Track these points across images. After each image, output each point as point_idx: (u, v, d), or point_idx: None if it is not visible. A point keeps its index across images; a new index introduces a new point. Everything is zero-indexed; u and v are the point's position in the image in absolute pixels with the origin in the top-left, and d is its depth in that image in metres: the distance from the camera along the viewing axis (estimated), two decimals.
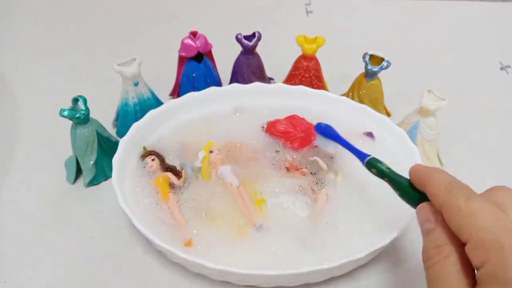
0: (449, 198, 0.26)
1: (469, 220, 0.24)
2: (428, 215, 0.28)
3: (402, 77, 0.58)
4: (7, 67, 0.63)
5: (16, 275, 0.39)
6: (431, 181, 0.28)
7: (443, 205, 0.26)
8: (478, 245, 0.24)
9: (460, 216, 0.25)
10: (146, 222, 0.38)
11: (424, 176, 0.29)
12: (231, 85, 0.51)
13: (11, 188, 0.46)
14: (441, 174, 0.29)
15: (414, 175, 0.30)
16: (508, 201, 0.26)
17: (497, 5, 0.80)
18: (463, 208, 0.25)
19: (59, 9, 0.76)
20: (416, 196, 0.30)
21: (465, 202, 0.25)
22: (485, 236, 0.23)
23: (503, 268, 0.22)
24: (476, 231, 0.24)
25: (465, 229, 0.24)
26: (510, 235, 0.23)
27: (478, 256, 0.23)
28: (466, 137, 0.53)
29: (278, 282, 0.35)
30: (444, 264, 0.25)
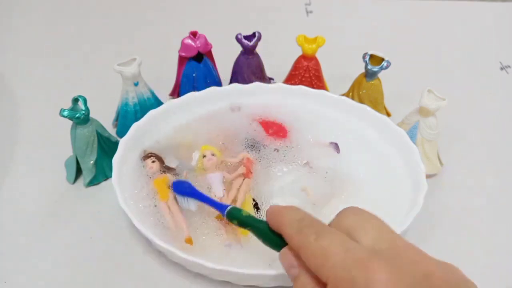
0: (301, 238, 0.26)
1: (322, 260, 0.24)
2: (291, 260, 0.27)
3: (402, 77, 0.58)
4: (7, 67, 0.63)
5: (16, 275, 0.39)
6: (283, 221, 0.28)
7: (298, 247, 0.26)
8: (336, 285, 0.23)
9: (313, 257, 0.25)
10: (146, 222, 0.38)
11: (278, 216, 0.28)
12: (231, 85, 0.51)
13: (11, 188, 0.46)
14: (292, 213, 0.28)
15: (269, 217, 0.29)
16: (357, 225, 0.26)
17: (497, 5, 0.80)
18: (314, 247, 0.25)
19: (59, 9, 0.76)
20: (278, 242, 0.29)
21: (315, 240, 0.25)
22: (338, 274, 0.23)
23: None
24: (331, 271, 0.24)
25: (321, 270, 0.24)
26: (361, 269, 0.23)
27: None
28: (466, 137, 0.53)
29: (278, 282, 0.35)
30: None
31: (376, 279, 0.22)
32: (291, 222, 0.27)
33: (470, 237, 0.42)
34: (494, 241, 0.42)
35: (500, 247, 0.42)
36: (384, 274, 0.22)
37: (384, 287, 0.22)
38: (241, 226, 0.33)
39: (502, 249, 0.42)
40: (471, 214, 0.45)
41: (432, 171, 0.47)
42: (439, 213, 0.44)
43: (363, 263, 0.23)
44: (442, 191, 0.46)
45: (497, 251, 0.42)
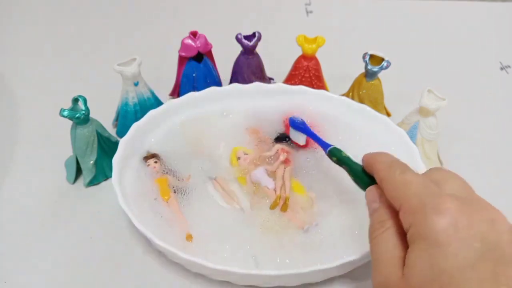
0: (387, 172, 0.29)
1: (402, 189, 0.27)
2: (375, 196, 0.30)
3: (402, 77, 0.58)
4: (7, 67, 0.63)
5: (16, 275, 0.39)
6: (376, 161, 0.31)
7: (383, 179, 0.29)
8: (407, 210, 0.26)
9: (394, 186, 0.28)
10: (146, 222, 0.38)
11: (372, 158, 0.32)
12: (231, 85, 0.51)
13: (11, 188, 0.46)
14: (385, 155, 0.32)
15: (365, 158, 0.33)
16: (443, 177, 0.28)
17: (497, 5, 0.80)
18: (397, 179, 0.28)
19: (59, 9, 0.76)
20: (367, 181, 0.32)
21: (399, 174, 0.28)
22: (413, 201, 0.26)
23: (425, 226, 0.24)
24: (406, 198, 0.26)
25: (398, 197, 0.27)
26: (434, 198, 0.25)
27: (407, 219, 0.26)
28: (466, 137, 0.53)
29: (278, 282, 0.35)
30: (385, 235, 0.27)
31: (445, 207, 0.24)
32: (383, 162, 0.30)
33: None
34: None
35: None
36: (454, 205, 0.24)
37: (450, 215, 0.24)
38: (339, 163, 0.37)
39: None
40: None
41: None
42: None
43: (438, 195, 0.25)
44: None
45: None
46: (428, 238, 0.24)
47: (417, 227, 0.25)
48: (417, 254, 0.24)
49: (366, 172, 0.33)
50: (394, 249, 0.26)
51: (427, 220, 0.24)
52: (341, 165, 0.37)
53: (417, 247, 0.25)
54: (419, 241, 0.24)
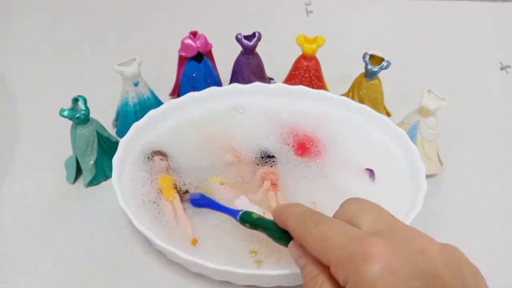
0: (302, 228, 0.27)
1: (322, 243, 0.26)
2: (298, 251, 0.28)
3: (402, 77, 0.58)
4: (7, 67, 0.63)
5: (16, 275, 0.39)
6: (286, 217, 0.29)
7: (300, 238, 0.28)
8: (337, 264, 0.24)
9: (314, 243, 0.26)
10: (146, 222, 0.38)
11: (282, 213, 0.30)
12: (231, 85, 0.51)
13: (11, 188, 0.46)
14: (294, 208, 0.30)
15: (275, 215, 0.31)
16: (358, 212, 0.27)
17: (497, 5, 0.80)
18: (314, 234, 0.26)
19: (59, 9, 0.76)
20: (287, 238, 0.30)
21: (314, 227, 0.26)
22: (339, 254, 0.24)
23: (360, 277, 0.23)
24: (330, 252, 0.25)
25: (322, 253, 0.25)
26: (359, 245, 0.24)
27: (341, 273, 0.24)
28: (466, 137, 0.53)
29: (278, 282, 0.35)
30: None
31: (373, 252, 0.23)
32: (294, 216, 0.29)
33: (470, 237, 0.42)
34: (494, 241, 0.42)
35: (500, 247, 0.42)
36: (380, 247, 0.23)
37: (381, 258, 0.23)
38: (253, 228, 0.34)
39: (502, 249, 0.42)
40: (471, 214, 0.45)
41: (432, 171, 0.47)
42: (439, 213, 0.44)
43: (360, 240, 0.24)
44: (442, 191, 0.46)
45: (497, 251, 0.42)
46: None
47: (353, 281, 0.23)
48: None
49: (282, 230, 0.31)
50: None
51: (359, 270, 0.23)
52: (256, 229, 0.34)
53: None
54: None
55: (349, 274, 0.23)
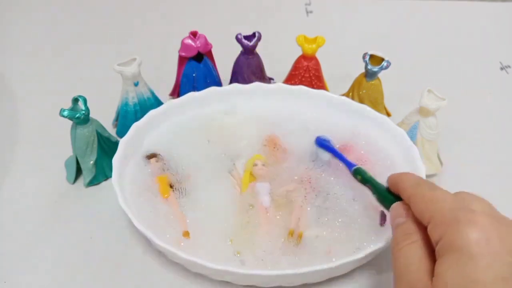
0: (416, 189, 0.30)
1: (431, 204, 0.28)
2: (400, 211, 0.31)
3: (402, 77, 0.58)
4: (7, 67, 0.63)
5: (16, 275, 0.39)
6: (402, 180, 0.32)
7: (410, 196, 0.30)
8: (439, 223, 0.26)
9: (424, 201, 0.28)
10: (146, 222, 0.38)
11: (399, 177, 0.33)
12: (231, 85, 0.51)
13: (11, 188, 0.46)
14: (412, 175, 0.33)
15: (391, 177, 0.34)
16: (470, 198, 0.28)
17: (497, 5, 0.80)
18: (426, 195, 0.29)
19: (59, 9, 0.76)
20: (392, 199, 0.33)
21: (428, 191, 0.29)
22: (445, 214, 0.26)
23: (457, 237, 0.25)
24: (437, 212, 0.27)
25: (427, 212, 0.27)
26: (466, 212, 0.26)
27: (438, 231, 0.26)
28: (466, 137, 0.53)
29: (278, 282, 0.35)
30: (411, 248, 0.28)
31: (477, 220, 0.25)
32: (409, 180, 0.31)
33: None
34: None
35: None
36: (486, 220, 0.25)
37: (483, 227, 0.24)
38: (363, 182, 0.38)
39: None
40: None
41: (432, 171, 0.47)
42: None
43: (470, 210, 0.26)
44: None
45: None
46: (460, 250, 0.24)
47: (448, 238, 0.25)
48: (448, 265, 0.24)
49: (390, 191, 0.34)
50: (421, 261, 0.26)
51: (460, 232, 0.24)
52: (365, 184, 0.38)
53: (448, 258, 0.25)
54: (451, 252, 0.25)
55: (447, 232, 0.25)
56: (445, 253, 0.25)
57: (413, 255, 0.27)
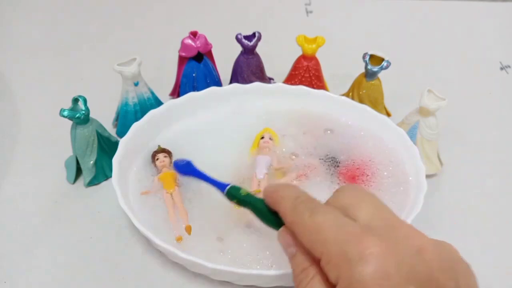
0: (295, 215, 0.26)
1: (316, 235, 0.24)
2: (288, 239, 0.27)
3: (402, 77, 0.58)
4: (7, 67, 0.63)
5: (16, 275, 0.39)
6: (279, 199, 0.28)
7: (291, 223, 0.26)
8: (329, 261, 0.23)
9: (307, 233, 0.25)
10: (146, 222, 0.38)
11: (274, 194, 0.28)
12: (231, 85, 0.51)
13: (11, 188, 0.46)
14: (289, 190, 0.28)
15: (266, 195, 0.29)
16: (355, 202, 0.26)
17: (497, 5, 0.80)
18: (307, 224, 0.25)
19: (59, 9, 0.76)
20: (276, 221, 0.29)
21: (309, 217, 0.25)
22: (331, 249, 0.23)
23: (353, 279, 0.22)
24: (323, 246, 0.24)
25: (315, 245, 0.24)
26: (354, 243, 0.23)
27: (333, 272, 0.23)
28: (466, 137, 0.53)
29: (278, 282, 0.35)
30: (312, 286, 0.25)
31: (368, 252, 0.22)
32: (287, 199, 0.27)
33: (470, 237, 0.42)
34: (494, 241, 0.42)
35: (500, 247, 0.42)
36: (377, 247, 0.22)
37: (376, 260, 0.22)
38: (241, 205, 0.33)
39: (502, 249, 0.42)
40: (471, 214, 0.45)
41: (432, 171, 0.47)
42: (439, 213, 0.44)
43: (356, 238, 0.23)
44: (442, 191, 0.46)
45: (497, 251, 0.42)
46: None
47: (345, 282, 0.22)
48: None
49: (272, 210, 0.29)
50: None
51: (353, 272, 0.22)
52: (243, 206, 0.32)
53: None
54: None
55: (342, 273, 0.23)
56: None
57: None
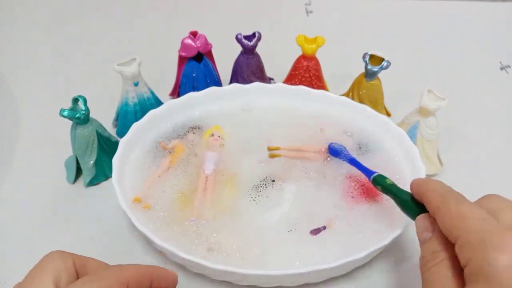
0: (442, 202, 0.28)
1: (458, 221, 0.26)
2: (426, 225, 0.29)
3: (402, 77, 0.58)
4: (7, 67, 0.63)
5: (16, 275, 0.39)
6: (427, 189, 0.30)
7: (436, 209, 0.28)
8: (465, 244, 0.25)
9: (450, 218, 0.27)
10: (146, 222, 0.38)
11: (423, 186, 0.31)
12: (231, 85, 0.51)
13: (11, 188, 0.46)
14: (438, 183, 0.30)
15: (415, 185, 0.32)
16: (499, 206, 0.27)
17: (497, 5, 0.80)
18: (453, 211, 0.27)
19: (59, 9, 0.76)
20: (416, 209, 0.32)
21: (455, 205, 0.27)
22: (471, 236, 0.25)
23: (485, 263, 0.23)
24: (464, 231, 0.25)
25: (454, 230, 0.26)
26: (494, 233, 0.24)
27: (465, 255, 0.25)
28: (466, 137, 0.53)
29: (278, 282, 0.35)
30: (439, 268, 0.26)
31: (506, 244, 0.23)
32: (435, 190, 0.29)
33: None
34: None
35: None
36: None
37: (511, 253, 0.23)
38: (384, 191, 0.36)
39: None
40: None
41: (432, 171, 0.47)
42: None
43: (498, 231, 0.24)
44: None
45: None
46: (489, 279, 0.23)
47: (476, 264, 0.24)
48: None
49: (414, 199, 0.32)
50: (449, 284, 0.25)
51: (487, 257, 0.23)
52: (386, 193, 0.36)
53: (477, 286, 0.23)
54: (479, 280, 0.23)
55: (475, 257, 0.24)
56: (473, 280, 0.24)
57: (442, 276, 0.26)
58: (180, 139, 0.46)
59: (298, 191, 0.41)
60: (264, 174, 0.43)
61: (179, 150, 0.45)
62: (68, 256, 0.28)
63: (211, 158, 0.44)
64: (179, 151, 0.45)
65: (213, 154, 0.45)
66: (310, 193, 0.41)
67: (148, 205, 0.40)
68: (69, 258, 0.28)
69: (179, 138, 0.46)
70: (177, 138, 0.46)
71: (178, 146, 0.46)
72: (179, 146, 0.46)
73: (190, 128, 0.47)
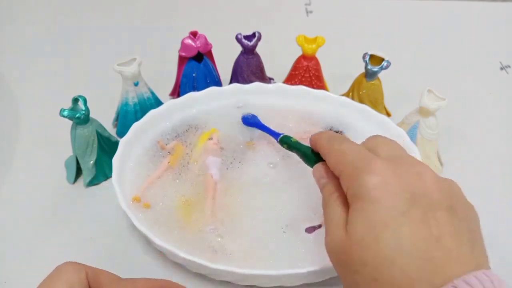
0: (328, 146, 0.32)
1: (340, 157, 0.30)
2: (321, 172, 0.32)
3: (402, 77, 0.58)
4: (7, 67, 0.63)
5: (16, 275, 0.39)
6: (319, 137, 0.34)
7: (325, 152, 0.32)
8: (345, 176, 0.28)
9: (334, 156, 0.30)
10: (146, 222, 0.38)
11: (316, 136, 0.34)
12: (231, 85, 0.51)
13: (11, 188, 0.46)
14: (327, 132, 0.34)
15: (311, 140, 0.35)
16: (377, 143, 0.30)
17: (497, 5, 0.80)
18: (335, 149, 0.31)
19: (59, 9, 0.76)
20: (316, 160, 0.35)
21: (338, 144, 0.31)
22: (348, 167, 0.28)
23: (358, 186, 0.26)
24: (343, 165, 0.29)
25: (337, 165, 0.30)
26: (365, 161, 0.28)
27: (345, 183, 0.28)
28: (466, 137, 0.53)
29: (278, 282, 0.35)
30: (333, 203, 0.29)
31: (374, 167, 0.27)
32: (325, 136, 0.33)
33: None
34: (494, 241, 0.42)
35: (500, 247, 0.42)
36: (383, 165, 0.27)
37: (380, 173, 0.26)
38: (289, 149, 0.40)
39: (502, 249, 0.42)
40: None
41: None
42: None
43: (369, 159, 0.28)
44: None
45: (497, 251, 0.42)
46: (363, 197, 0.26)
47: (353, 189, 0.27)
48: (355, 214, 0.26)
49: (313, 152, 0.35)
50: (339, 213, 0.28)
51: (359, 181, 0.26)
52: (292, 150, 0.39)
53: (355, 207, 0.27)
54: (356, 201, 0.27)
55: (351, 183, 0.27)
56: (352, 203, 0.27)
57: (334, 210, 0.29)
58: (179, 139, 0.46)
59: (296, 190, 0.42)
60: (264, 174, 0.43)
61: (178, 150, 0.45)
62: (81, 268, 0.28)
63: (215, 163, 0.44)
64: (178, 151, 0.45)
65: (215, 160, 0.44)
66: (307, 191, 0.41)
67: (147, 204, 0.40)
68: (83, 270, 0.28)
69: (179, 138, 0.46)
70: (176, 138, 0.46)
71: (177, 147, 0.45)
72: (178, 146, 0.45)
73: (190, 128, 0.47)
